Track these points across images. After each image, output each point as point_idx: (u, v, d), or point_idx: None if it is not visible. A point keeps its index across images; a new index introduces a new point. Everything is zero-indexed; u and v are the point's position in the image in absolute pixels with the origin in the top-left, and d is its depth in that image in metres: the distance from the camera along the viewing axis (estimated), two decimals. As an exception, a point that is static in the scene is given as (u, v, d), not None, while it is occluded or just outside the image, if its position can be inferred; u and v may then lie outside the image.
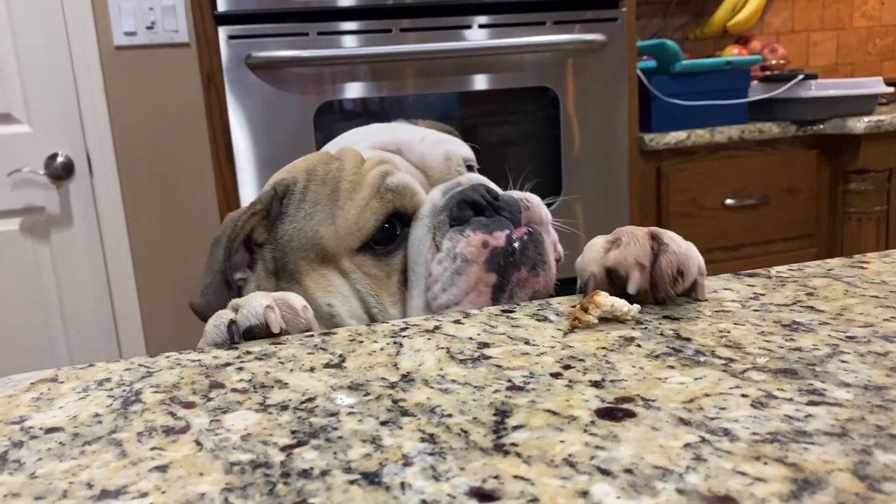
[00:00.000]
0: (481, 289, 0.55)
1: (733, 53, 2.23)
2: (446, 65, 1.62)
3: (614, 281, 0.47)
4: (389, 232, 0.59)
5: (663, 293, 0.46)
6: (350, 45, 1.55)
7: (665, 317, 0.44)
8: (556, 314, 0.46)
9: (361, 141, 0.65)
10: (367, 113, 1.65)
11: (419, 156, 0.63)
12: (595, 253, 0.48)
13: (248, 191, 1.53)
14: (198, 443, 0.32)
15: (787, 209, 1.90)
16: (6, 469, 0.30)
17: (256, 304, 0.45)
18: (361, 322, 0.57)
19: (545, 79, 1.67)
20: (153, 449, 0.31)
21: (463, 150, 0.66)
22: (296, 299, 0.47)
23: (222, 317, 0.46)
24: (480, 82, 1.65)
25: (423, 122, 0.75)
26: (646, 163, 1.81)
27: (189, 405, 0.36)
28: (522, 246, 0.57)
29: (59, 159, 1.96)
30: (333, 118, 1.60)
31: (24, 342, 2.01)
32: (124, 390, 0.38)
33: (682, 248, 0.46)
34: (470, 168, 0.66)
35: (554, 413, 0.32)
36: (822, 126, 1.87)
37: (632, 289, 0.45)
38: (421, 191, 0.60)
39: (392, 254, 0.59)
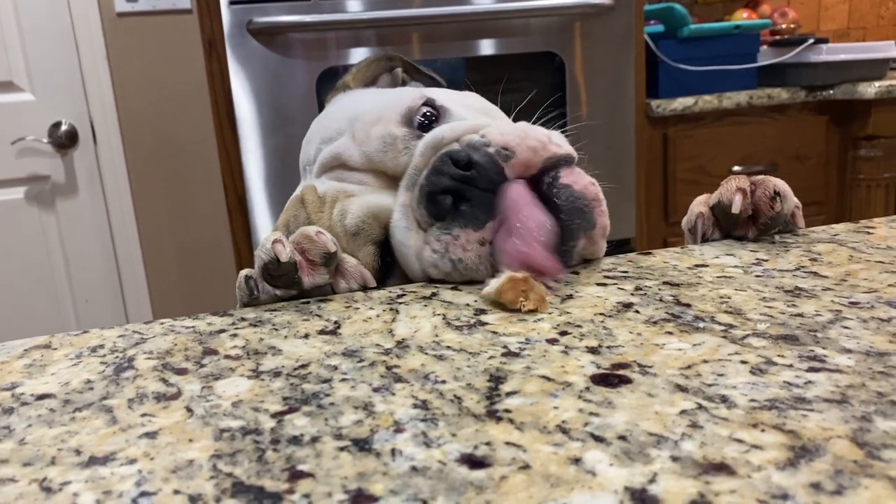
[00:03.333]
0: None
1: (742, 17, 2.19)
2: (452, 29, 1.59)
3: (719, 220, 0.53)
4: (387, 264, 0.50)
5: (764, 217, 0.50)
6: (353, 9, 1.53)
7: (665, 282, 0.43)
8: (554, 280, 0.45)
9: (314, 155, 0.55)
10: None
11: (360, 158, 0.51)
12: (701, 198, 0.54)
13: (252, 157, 1.52)
14: (188, 409, 0.31)
15: (795, 176, 1.88)
16: (-4, 435, 0.30)
17: (266, 241, 0.44)
18: None
19: (551, 43, 1.65)
20: (143, 415, 0.31)
21: (398, 110, 0.52)
22: (309, 228, 0.45)
23: (241, 275, 0.46)
24: (486, 47, 1.63)
25: (351, 75, 0.65)
26: (652, 129, 1.79)
27: (181, 371, 0.35)
28: (564, 216, 0.45)
29: (63, 127, 1.95)
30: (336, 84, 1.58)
31: (32, 311, 2.02)
32: (117, 357, 0.38)
33: (778, 180, 0.51)
34: (424, 120, 0.52)
35: (548, 379, 0.32)
36: (832, 91, 1.84)
37: (735, 209, 0.49)
38: (383, 204, 0.50)
39: (389, 273, 0.51)
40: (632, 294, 0.42)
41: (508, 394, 0.31)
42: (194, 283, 2.08)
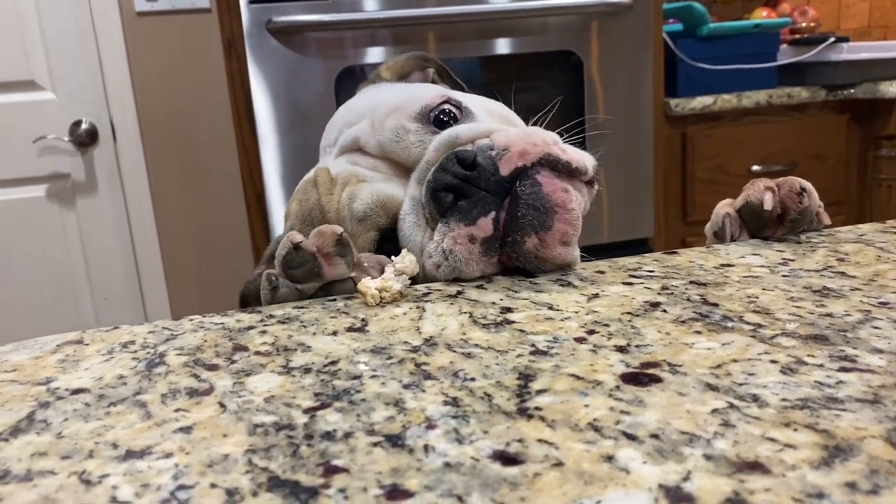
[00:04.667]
0: (484, 262, 0.48)
1: (762, 16, 2.17)
2: (469, 28, 1.59)
3: (745, 222, 0.54)
4: (387, 249, 0.51)
5: (793, 213, 0.51)
6: (372, 8, 1.53)
7: (692, 282, 0.43)
8: (580, 279, 0.45)
9: (336, 137, 0.58)
10: (388, 78, 1.64)
11: (376, 145, 0.53)
12: (724, 202, 0.55)
13: (270, 156, 1.53)
14: (221, 405, 0.32)
15: (815, 176, 1.85)
16: (33, 429, 0.31)
17: (286, 237, 0.45)
18: None
19: (569, 42, 1.65)
20: (177, 410, 0.31)
21: (414, 106, 0.54)
22: (321, 227, 0.46)
23: (263, 275, 0.46)
24: (504, 46, 1.62)
25: (386, 66, 0.66)
26: (671, 128, 1.78)
27: (212, 367, 0.36)
28: (519, 212, 0.46)
29: (84, 126, 1.97)
30: (355, 83, 1.59)
31: (52, 307, 2.04)
32: (148, 353, 0.38)
33: (800, 179, 0.52)
34: (442, 117, 0.54)
35: (578, 378, 0.32)
36: (853, 90, 1.83)
37: (767, 206, 0.50)
38: (393, 194, 0.52)
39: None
40: (658, 293, 0.42)
41: (539, 392, 0.31)
42: (212, 280, 2.10)
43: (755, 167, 1.83)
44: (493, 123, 0.53)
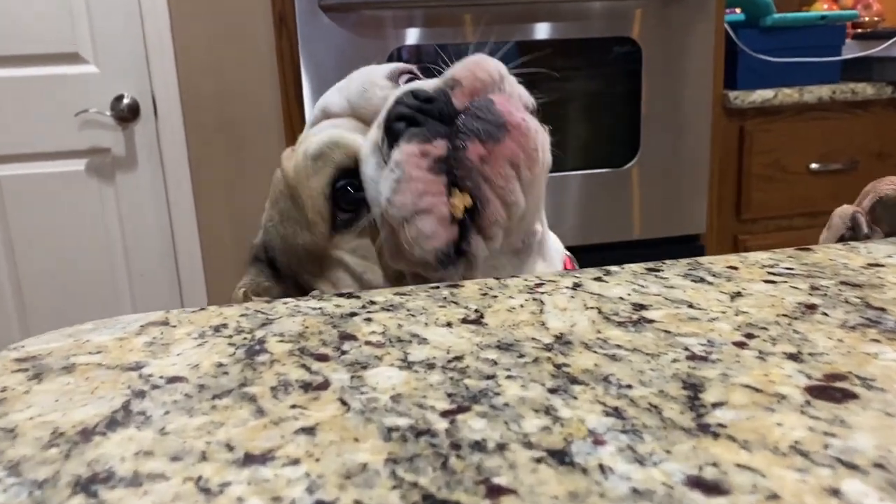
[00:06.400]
0: (434, 192, 0.46)
1: (823, 9, 2.09)
2: (512, 11, 1.54)
3: (876, 221, 0.52)
4: (349, 196, 0.51)
5: None
6: (426, -13, 1.49)
7: (843, 282, 0.39)
8: (712, 275, 0.41)
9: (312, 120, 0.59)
10: (438, 58, 1.59)
11: (343, 103, 0.54)
12: (843, 206, 0.54)
13: (318, 137, 1.49)
14: (343, 402, 0.28)
15: (876, 175, 1.78)
16: (132, 422, 0.27)
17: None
18: None
19: (626, 29, 1.59)
20: (293, 407, 0.27)
21: (384, 69, 0.56)
22: None
23: None
24: (561, 31, 1.57)
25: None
26: (729, 121, 1.72)
27: (322, 358, 0.32)
28: (467, 121, 0.46)
29: (126, 101, 1.94)
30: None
31: (87, 281, 2.02)
32: (245, 338, 0.34)
33: None
34: (412, 79, 0.55)
35: (756, 389, 0.27)
36: (920, 88, 1.76)
37: None
38: (350, 136, 0.52)
39: (359, 214, 0.52)
40: (810, 294, 0.37)
41: (714, 405, 0.26)
42: (249, 261, 2.07)
43: (814, 165, 1.76)
44: None
